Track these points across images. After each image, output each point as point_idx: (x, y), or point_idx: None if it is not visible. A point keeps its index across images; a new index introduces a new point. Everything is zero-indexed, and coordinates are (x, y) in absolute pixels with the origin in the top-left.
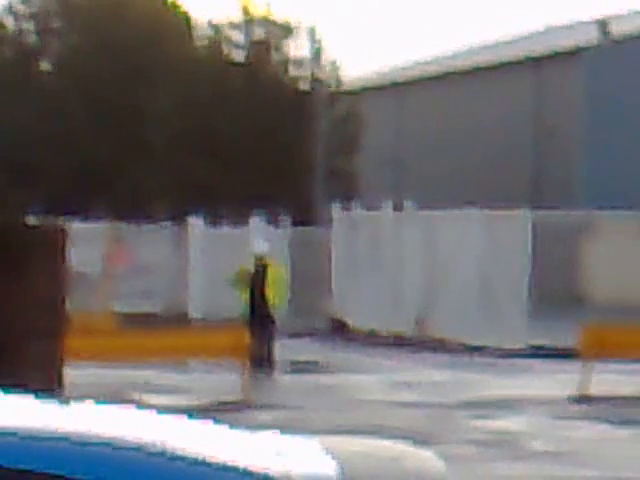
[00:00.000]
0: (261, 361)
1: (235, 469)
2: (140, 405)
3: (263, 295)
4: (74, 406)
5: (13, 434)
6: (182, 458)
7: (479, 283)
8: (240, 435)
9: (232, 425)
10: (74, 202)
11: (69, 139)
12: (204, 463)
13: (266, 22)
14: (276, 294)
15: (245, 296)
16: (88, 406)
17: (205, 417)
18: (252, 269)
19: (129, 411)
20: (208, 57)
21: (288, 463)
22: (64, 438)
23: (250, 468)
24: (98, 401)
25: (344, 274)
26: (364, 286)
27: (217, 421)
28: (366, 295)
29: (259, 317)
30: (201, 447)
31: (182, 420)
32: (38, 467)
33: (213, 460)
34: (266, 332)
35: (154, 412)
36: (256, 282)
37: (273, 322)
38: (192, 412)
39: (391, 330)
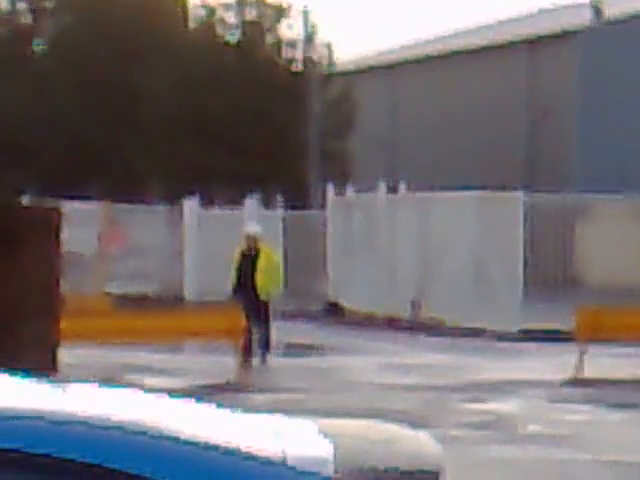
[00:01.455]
0: (256, 344)
1: (234, 451)
2: (134, 386)
3: (253, 280)
4: (72, 387)
5: (20, 417)
6: (180, 440)
7: (473, 265)
8: (236, 417)
9: (227, 407)
10: (68, 183)
11: (63, 120)
12: (205, 446)
13: (259, 3)
14: (270, 280)
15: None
16: (86, 387)
17: (200, 399)
18: (240, 252)
19: (124, 392)
20: (202, 38)
21: (284, 445)
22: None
23: (247, 450)
24: (92, 382)
25: (339, 256)
26: (359, 268)
27: (212, 403)
28: (361, 277)
29: (253, 301)
30: (199, 429)
31: (178, 402)
32: (53, 451)
33: (213, 442)
34: (260, 315)
35: (150, 393)
36: (246, 266)
37: (267, 305)
38: (186, 394)
39: (386, 312)
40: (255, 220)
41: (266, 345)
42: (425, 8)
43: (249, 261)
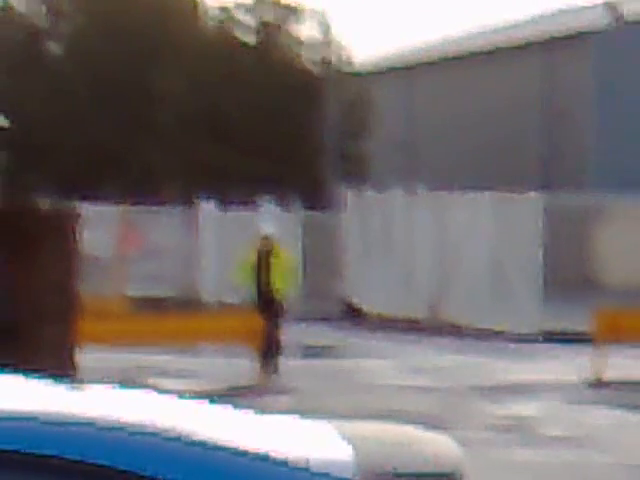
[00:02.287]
0: (268, 346)
1: (256, 454)
2: (153, 389)
3: (268, 280)
4: (91, 390)
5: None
6: (203, 444)
7: (491, 267)
8: (256, 419)
9: (246, 410)
10: (85, 185)
11: (79, 121)
12: (227, 449)
13: (276, 4)
14: (284, 280)
15: (250, 282)
16: (105, 390)
17: (218, 402)
18: (255, 252)
19: (146, 395)
20: (218, 39)
21: (303, 447)
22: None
23: (268, 453)
24: (112, 385)
25: (356, 258)
26: (376, 270)
27: (231, 406)
28: (379, 279)
29: (265, 302)
30: (221, 432)
31: (199, 404)
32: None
33: (235, 445)
34: (272, 317)
35: (170, 396)
36: (261, 267)
37: (281, 307)
38: (205, 397)
39: (404, 314)
40: (271, 220)
41: (277, 347)
42: (441, 9)
43: (264, 261)
